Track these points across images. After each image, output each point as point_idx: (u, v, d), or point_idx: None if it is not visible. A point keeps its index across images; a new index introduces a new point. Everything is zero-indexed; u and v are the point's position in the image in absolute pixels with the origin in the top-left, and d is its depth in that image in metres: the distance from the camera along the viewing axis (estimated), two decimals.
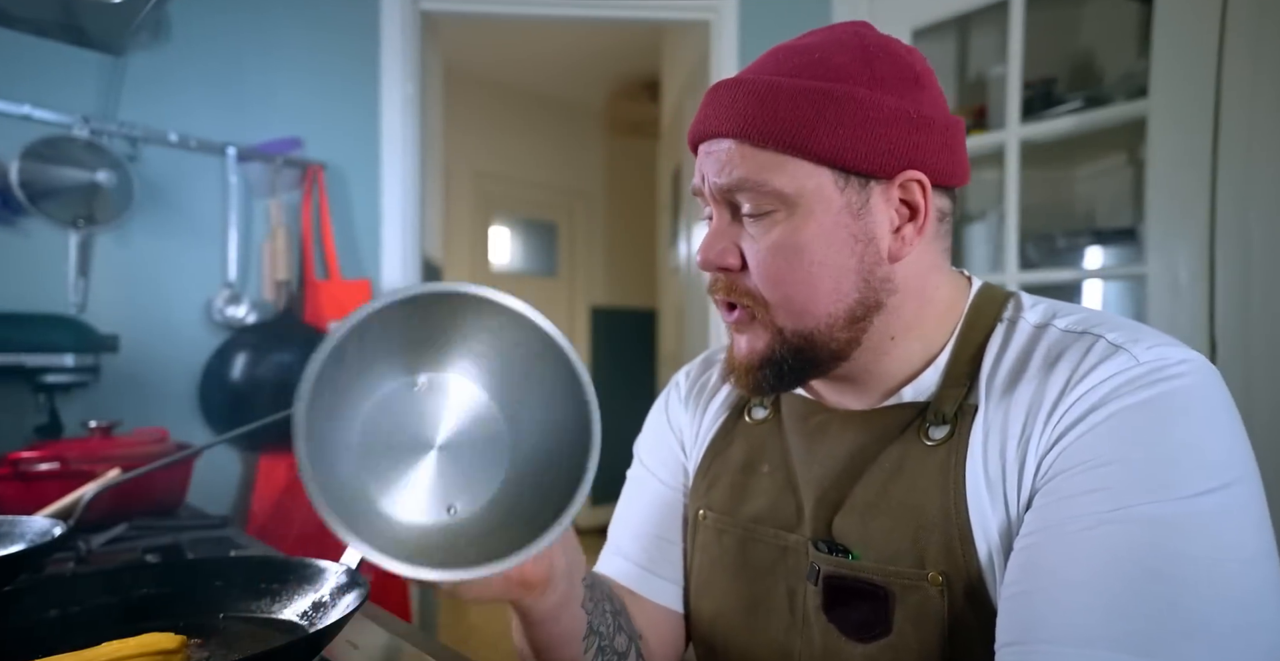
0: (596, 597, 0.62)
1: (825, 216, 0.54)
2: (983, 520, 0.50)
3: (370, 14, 1.94)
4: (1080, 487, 0.46)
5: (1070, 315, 0.55)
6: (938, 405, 0.55)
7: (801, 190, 0.54)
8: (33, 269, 1.56)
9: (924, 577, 0.51)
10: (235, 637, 0.58)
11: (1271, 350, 1.27)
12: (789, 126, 0.53)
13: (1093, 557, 0.43)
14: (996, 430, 0.52)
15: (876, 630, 0.53)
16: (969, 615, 0.50)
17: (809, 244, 0.54)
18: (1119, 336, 0.50)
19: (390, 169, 1.97)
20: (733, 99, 0.55)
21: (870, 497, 0.56)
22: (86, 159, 1.57)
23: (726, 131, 0.55)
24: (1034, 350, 0.54)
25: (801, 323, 0.56)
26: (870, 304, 0.56)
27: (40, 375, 1.43)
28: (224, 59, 1.79)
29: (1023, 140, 1.68)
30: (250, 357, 1.73)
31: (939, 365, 0.57)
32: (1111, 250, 1.72)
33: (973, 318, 0.59)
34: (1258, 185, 1.30)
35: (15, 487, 1.08)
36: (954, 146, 0.57)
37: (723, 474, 0.68)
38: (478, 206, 4.03)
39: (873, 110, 0.53)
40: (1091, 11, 1.93)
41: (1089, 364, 0.49)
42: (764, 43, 0.63)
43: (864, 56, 0.55)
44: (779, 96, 0.53)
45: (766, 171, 0.54)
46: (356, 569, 0.60)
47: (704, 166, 0.58)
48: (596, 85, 4.08)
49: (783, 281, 0.55)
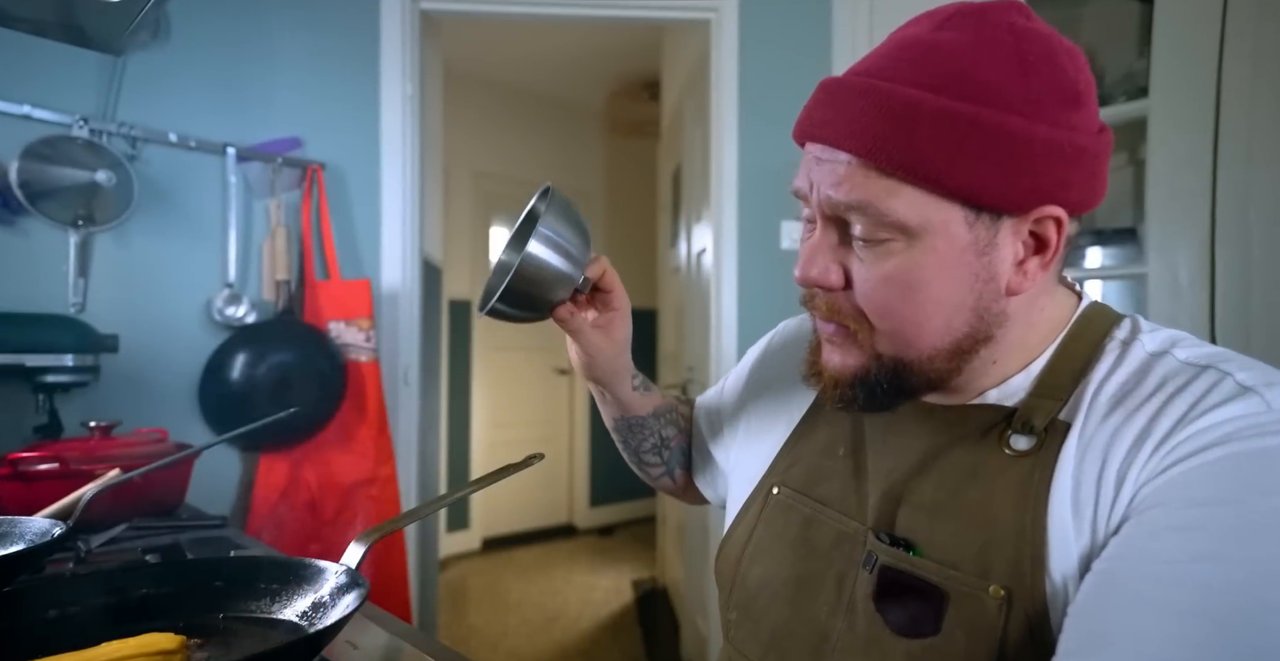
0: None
1: (949, 253, 0.50)
2: (1062, 543, 0.48)
3: (370, 14, 1.94)
4: (1179, 522, 0.43)
5: (1193, 347, 0.52)
6: (1025, 414, 0.52)
7: (927, 224, 0.49)
8: (33, 269, 1.56)
9: (984, 588, 0.49)
10: (235, 637, 0.58)
11: (1272, 350, 1.27)
12: (926, 156, 0.47)
13: (1180, 590, 0.41)
14: (1095, 454, 0.49)
15: (924, 629, 0.52)
16: (1026, 636, 0.48)
17: (928, 281, 0.51)
18: (1250, 377, 0.47)
19: (390, 169, 1.97)
20: (860, 108, 0.49)
21: (940, 497, 0.55)
22: (86, 159, 1.57)
23: (851, 146, 0.50)
24: (1147, 377, 0.50)
25: (904, 353, 0.54)
26: (980, 338, 0.54)
27: (40, 375, 1.43)
28: (224, 59, 1.79)
29: None
30: (250, 357, 1.73)
31: (1031, 372, 0.55)
32: (1111, 250, 1.72)
33: (1077, 331, 0.56)
34: (1258, 185, 1.30)
35: (15, 487, 1.08)
36: (1099, 170, 0.52)
37: (804, 456, 0.68)
38: (478, 206, 4.03)
39: (1024, 145, 0.47)
40: (1091, 11, 1.93)
41: (1213, 400, 0.46)
42: (764, 42, 0.63)
43: (1020, 69, 0.48)
44: (919, 118, 0.47)
45: (891, 198, 0.49)
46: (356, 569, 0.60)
47: (814, 173, 0.53)
48: (596, 85, 4.08)
49: (893, 314, 0.52)
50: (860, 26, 1.97)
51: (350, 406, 1.83)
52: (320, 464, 1.80)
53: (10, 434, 1.48)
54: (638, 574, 3.57)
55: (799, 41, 2.03)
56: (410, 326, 2.02)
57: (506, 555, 3.94)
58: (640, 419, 0.83)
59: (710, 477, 0.86)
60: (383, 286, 1.97)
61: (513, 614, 3.09)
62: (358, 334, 1.85)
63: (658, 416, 0.84)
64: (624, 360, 0.77)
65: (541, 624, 2.98)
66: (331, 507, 1.79)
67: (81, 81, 1.62)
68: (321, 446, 1.80)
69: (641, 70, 3.75)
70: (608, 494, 4.44)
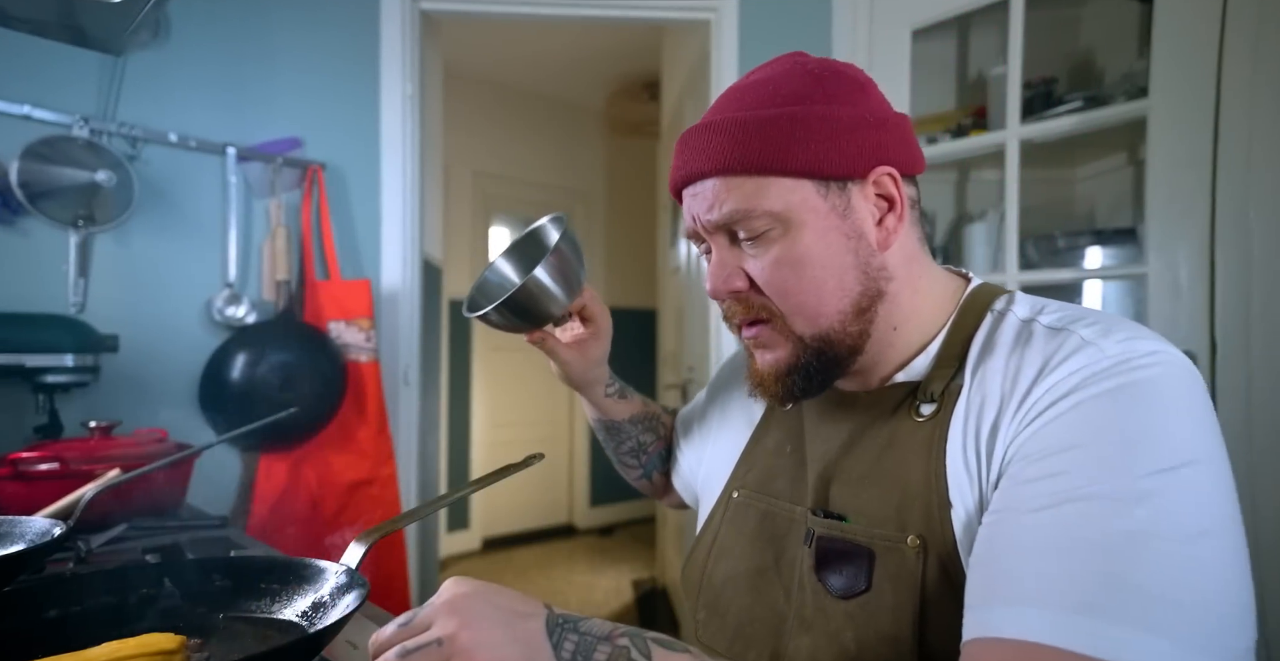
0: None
1: (817, 223, 0.59)
2: (960, 492, 0.54)
3: (370, 14, 1.94)
4: (1040, 472, 0.49)
5: (1056, 312, 0.58)
6: (927, 385, 0.60)
7: (789, 206, 0.58)
8: (33, 269, 1.56)
9: (903, 540, 0.56)
10: (235, 637, 0.58)
11: (1271, 350, 1.27)
12: (765, 152, 0.58)
13: (1047, 533, 0.46)
14: (975, 411, 0.56)
15: (859, 588, 0.57)
16: (941, 577, 0.54)
17: (808, 252, 0.59)
18: (1092, 332, 0.53)
19: (390, 169, 1.97)
20: (707, 141, 0.60)
21: (863, 469, 0.61)
22: (86, 159, 1.57)
23: (709, 170, 0.60)
24: (1014, 341, 0.57)
25: (817, 325, 0.60)
26: (873, 293, 0.61)
27: (40, 375, 1.43)
28: (224, 59, 1.79)
29: (1023, 140, 1.68)
30: (250, 357, 1.73)
31: (931, 350, 0.62)
32: (1111, 250, 1.72)
33: (967, 307, 0.63)
34: (1258, 185, 1.30)
35: (15, 487, 1.08)
36: (909, 139, 0.63)
37: (759, 459, 0.74)
38: (478, 206, 4.03)
39: (834, 122, 0.58)
40: (1091, 11, 1.93)
41: (1059, 358, 0.53)
42: (764, 43, 0.65)
43: (812, 79, 0.60)
44: (749, 129, 0.58)
45: (755, 198, 0.58)
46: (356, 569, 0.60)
47: (693, 209, 0.62)
48: (596, 85, 4.08)
49: (791, 291, 0.60)
50: (860, 26, 1.97)
51: (350, 406, 1.83)
52: (320, 464, 1.80)
53: (10, 434, 1.48)
54: (638, 574, 3.57)
55: (799, 41, 2.03)
56: (410, 326, 2.02)
57: (506, 555, 3.94)
58: (615, 423, 0.91)
59: (685, 484, 0.92)
60: (383, 286, 1.97)
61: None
62: (358, 334, 1.85)
63: (635, 422, 0.92)
64: (597, 372, 0.86)
65: None
66: (331, 507, 1.79)
67: (81, 81, 1.62)
68: (321, 446, 1.80)
69: (641, 70, 3.75)
70: (608, 494, 4.44)
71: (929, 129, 1.93)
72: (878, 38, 1.94)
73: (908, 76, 1.87)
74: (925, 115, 1.96)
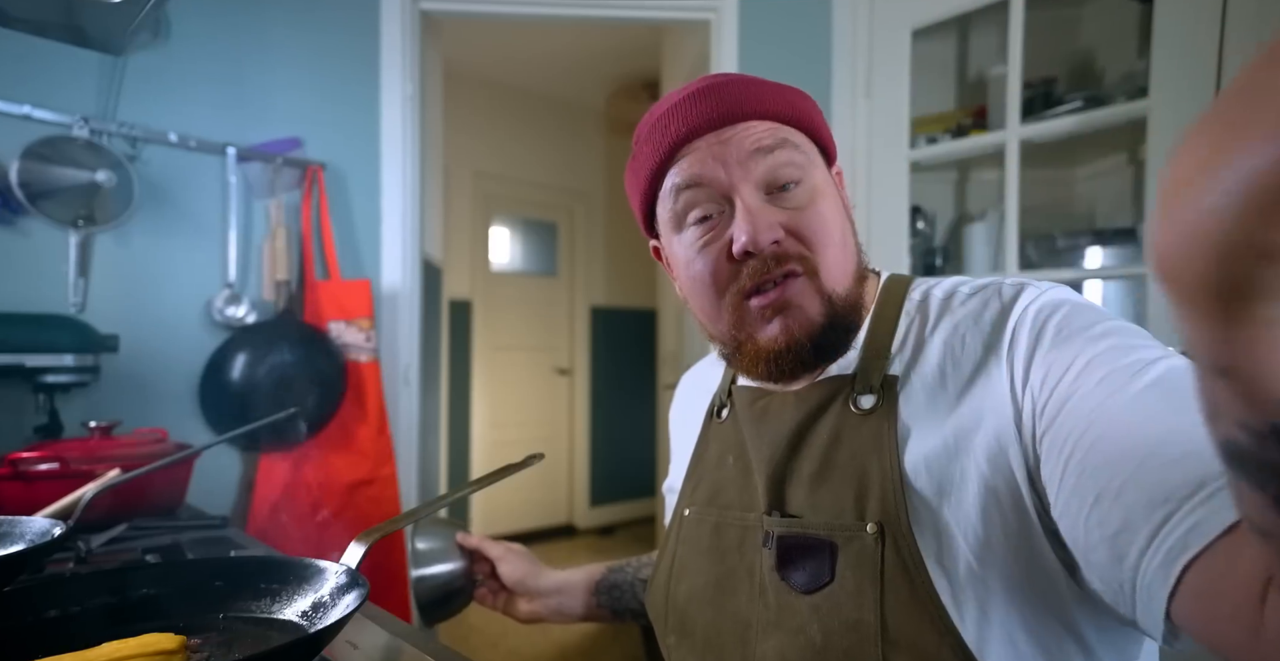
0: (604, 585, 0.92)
1: (828, 187, 0.64)
2: (916, 476, 0.56)
3: (370, 14, 1.94)
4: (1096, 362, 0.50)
5: (968, 282, 0.64)
6: (863, 378, 0.61)
7: (810, 162, 0.64)
8: (33, 269, 1.56)
9: (863, 528, 0.57)
10: (235, 637, 0.58)
11: None
12: (813, 117, 0.65)
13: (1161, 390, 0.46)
14: (923, 387, 0.59)
15: (823, 581, 0.58)
16: (895, 558, 0.55)
17: (831, 210, 0.63)
18: (1016, 280, 0.61)
19: (390, 169, 1.97)
20: (758, 89, 0.63)
21: (814, 468, 0.62)
22: (86, 159, 1.57)
23: (765, 112, 0.62)
24: (946, 311, 0.62)
25: (841, 283, 0.62)
26: (862, 267, 0.66)
27: (40, 375, 1.43)
28: (224, 59, 1.79)
29: (1023, 140, 1.68)
30: (250, 357, 1.73)
31: (856, 344, 0.64)
32: (1111, 250, 1.72)
33: (884, 299, 0.66)
34: None
35: (15, 487, 1.08)
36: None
37: (704, 474, 0.74)
38: (478, 206, 4.03)
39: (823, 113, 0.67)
40: (1091, 11, 1.93)
41: (1008, 298, 0.58)
42: (764, 43, 0.66)
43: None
44: (799, 93, 0.65)
45: (803, 151, 0.63)
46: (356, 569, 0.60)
47: (726, 152, 0.61)
48: (596, 85, 4.08)
49: (826, 237, 0.62)
50: (860, 26, 1.97)
51: (350, 406, 1.83)
52: (320, 464, 1.80)
53: (10, 434, 1.48)
54: None
55: (799, 41, 2.03)
56: (410, 326, 2.02)
57: None
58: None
59: None
60: (383, 286, 1.97)
61: None
62: (358, 334, 1.85)
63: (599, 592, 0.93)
64: (545, 579, 0.92)
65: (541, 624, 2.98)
66: (331, 507, 1.79)
67: (81, 81, 1.62)
68: (321, 446, 1.80)
69: (641, 70, 3.75)
70: (608, 494, 4.44)
71: (929, 129, 1.93)
72: (878, 38, 1.94)
73: (908, 76, 1.87)
74: (925, 115, 1.96)
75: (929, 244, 2.03)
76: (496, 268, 4.17)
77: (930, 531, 0.55)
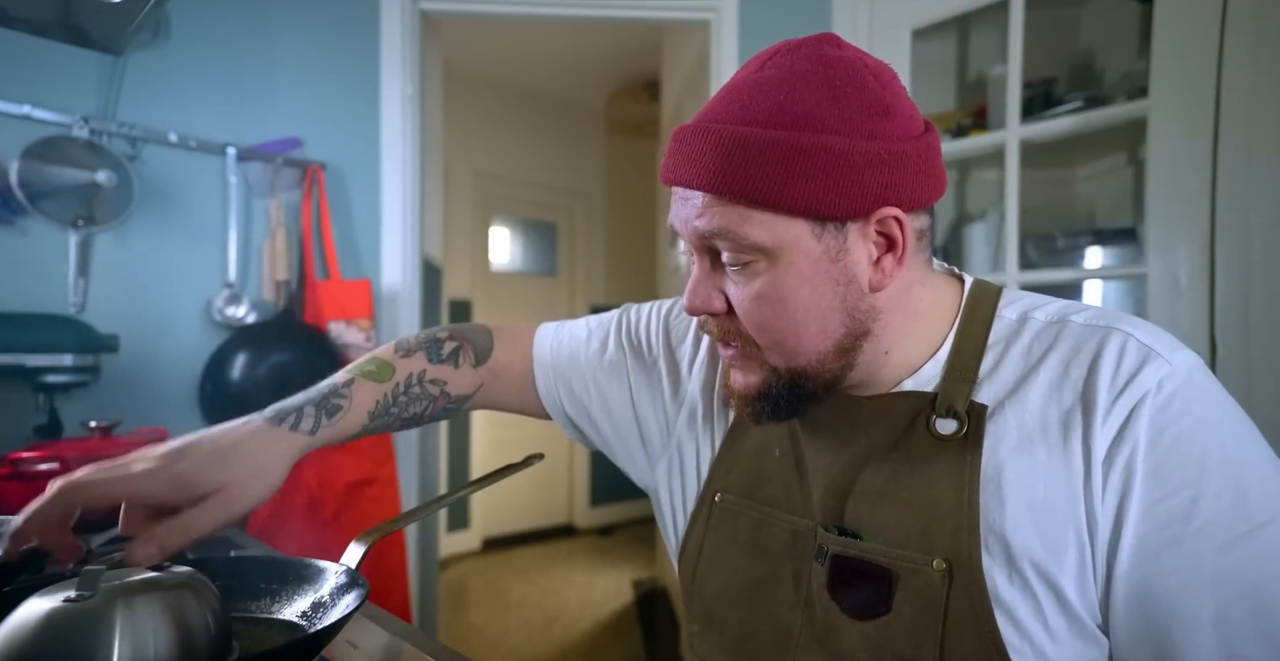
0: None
1: (805, 265, 0.54)
2: (987, 516, 0.53)
3: (370, 14, 1.94)
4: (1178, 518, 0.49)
5: (1082, 311, 0.57)
6: (945, 400, 0.57)
7: (779, 242, 0.53)
8: (33, 269, 1.56)
9: (929, 563, 0.54)
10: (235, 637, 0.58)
11: (1271, 350, 1.27)
12: (760, 181, 0.52)
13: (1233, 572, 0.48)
14: (1019, 429, 0.54)
15: (877, 609, 0.55)
16: (964, 600, 0.52)
17: (792, 293, 0.55)
18: (1145, 335, 0.54)
19: (390, 169, 1.97)
20: (701, 150, 0.53)
21: (880, 486, 0.58)
22: (86, 159, 1.57)
23: (698, 184, 0.54)
24: (1032, 345, 0.56)
25: (794, 362, 0.57)
26: (858, 334, 0.57)
27: (40, 375, 1.43)
28: (224, 59, 1.79)
29: (1023, 140, 1.68)
30: (250, 357, 1.73)
31: (939, 359, 0.59)
32: (1111, 250, 1.72)
33: (969, 313, 0.60)
34: (1258, 185, 1.30)
35: (15, 487, 1.08)
36: (928, 169, 0.56)
37: (740, 459, 0.69)
38: (478, 206, 4.02)
39: (844, 158, 0.51)
40: (1091, 11, 1.93)
41: (1128, 366, 0.52)
42: (764, 42, 0.62)
43: (831, 94, 0.52)
44: (749, 151, 0.52)
45: (743, 225, 0.53)
46: (356, 569, 0.60)
47: (679, 209, 0.57)
48: (596, 85, 4.08)
49: (770, 328, 0.56)
50: (860, 26, 1.97)
51: None
52: (320, 464, 1.80)
53: (10, 434, 1.48)
54: (638, 574, 3.57)
55: None
56: (410, 326, 2.02)
57: (506, 555, 3.94)
58: (364, 429, 0.72)
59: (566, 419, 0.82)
60: (383, 286, 1.97)
61: (513, 614, 3.09)
62: (358, 334, 1.85)
63: (379, 415, 0.72)
64: (276, 465, 0.64)
65: (541, 624, 2.98)
66: (331, 507, 1.79)
67: (81, 81, 1.62)
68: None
69: (641, 70, 3.75)
70: (608, 494, 4.44)
71: None
72: (878, 38, 1.94)
73: (908, 76, 1.87)
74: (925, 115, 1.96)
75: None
76: (496, 267, 4.17)
77: (1003, 578, 0.52)
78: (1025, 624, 0.51)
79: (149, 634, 0.46)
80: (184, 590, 0.50)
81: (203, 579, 0.53)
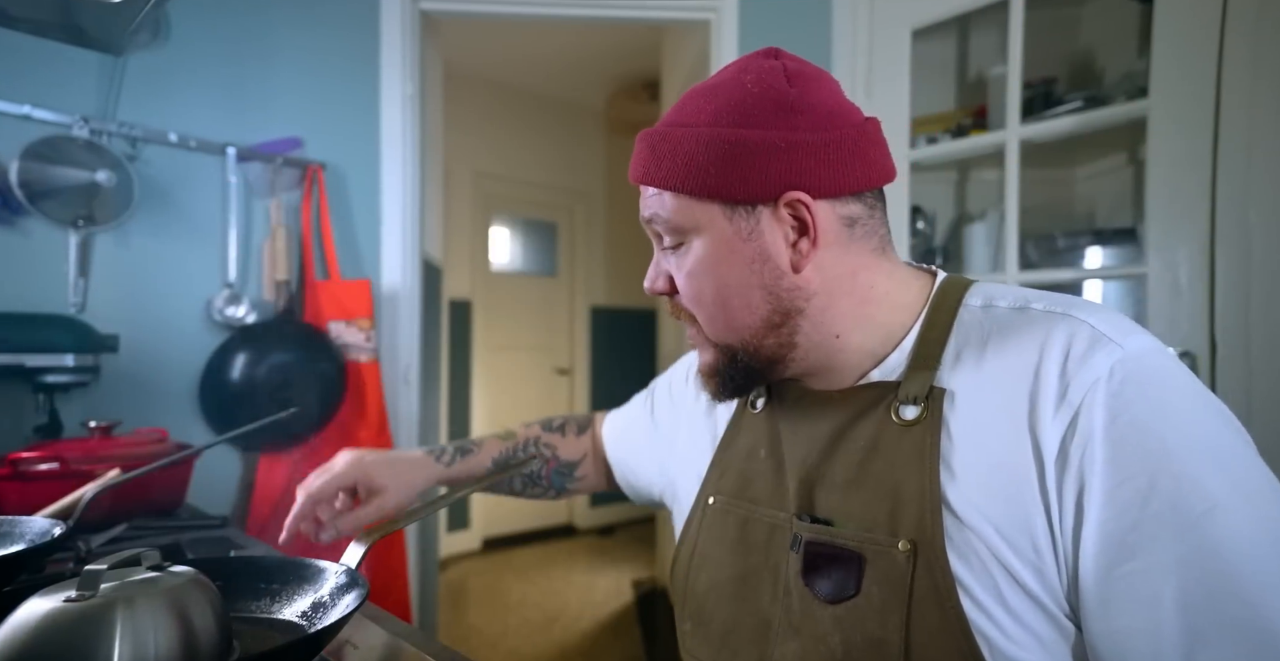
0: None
1: (720, 244, 0.61)
2: (953, 494, 0.55)
3: (370, 14, 1.94)
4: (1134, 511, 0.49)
5: (1042, 298, 0.59)
6: (908, 387, 0.59)
7: (697, 223, 0.61)
8: (33, 269, 1.56)
9: (895, 544, 0.55)
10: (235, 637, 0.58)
11: (1271, 350, 1.27)
12: (675, 172, 0.60)
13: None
14: (974, 413, 0.56)
15: (848, 592, 0.57)
16: (928, 579, 0.54)
17: (712, 269, 0.61)
18: (1099, 320, 0.54)
19: (390, 169, 1.97)
20: (640, 149, 0.63)
21: (849, 474, 0.61)
22: (86, 159, 1.57)
23: (635, 178, 0.64)
24: (990, 331, 0.58)
25: (728, 337, 0.63)
26: (785, 311, 0.61)
27: (40, 375, 1.43)
28: (224, 59, 1.79)
29: (1023, 140, 1.68)
30: (250, 357, 1.73)
31: (904, 349, 0.61)
32: (1111, 250, 1.72)
33: (937, 304, 0.62)
34: (1258, 185, 1.30)
35: (15, 487, 1.08)
36: (848, 159, 0.59)
37: (732, 463, 0.73)
38: (478, 206, 4.03)
39: (742, 147, 0.58)
40: (1091, 11, 1.93)
41: (1078, 351, 0.53)
42: (764, 42, 0.64)
43: (740, 94, 0.60)
44: (670, 145, 0.60)
45: (666, 210, 0.62)
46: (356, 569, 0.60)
47: (643, 203, 0.66)
48: (596, 85, 4.08)
49: (700, 303, 0.63)
50: (860, 26, 1.97)
51: (350, 406, 1.83)
52: (320, 464, 1.80)
53: (10, 434, 1.48)
54: (638, 574, 3.57)
55: (799, 41, 2.03)
56: (410, 326, 2.02)
57: (506, 555, 3.94)
58: (488, 473, 0.92)
59: (635, 490, 0.97)
60: (383, 286, 1.97)
61: (513, 614, 3.09)
62: (358, 334, 1.85)
63: (501, 465, 0.93)
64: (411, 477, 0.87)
65: (541, 624, 2.98)
66: None
67: (81, 81, 1.62)
68: (321, 446, 1.80)
69: (641, 70, 3.75)
70: (608, 494, 4.42)
71: (929, 129, 1.93)
72: (878, 38, 1.94)
73: (908, 76, 1.87)
74: (925, 115, 1.96)
75: (929, 244, 2.03)
76: (496, 267, 4.17)
77: (963, 558, 0.54)
78: (985, 603, 0.52)
79: (149, 634, 0.46)
80: (184, 590, 0.50)
81: (203, 579, 0.53)
